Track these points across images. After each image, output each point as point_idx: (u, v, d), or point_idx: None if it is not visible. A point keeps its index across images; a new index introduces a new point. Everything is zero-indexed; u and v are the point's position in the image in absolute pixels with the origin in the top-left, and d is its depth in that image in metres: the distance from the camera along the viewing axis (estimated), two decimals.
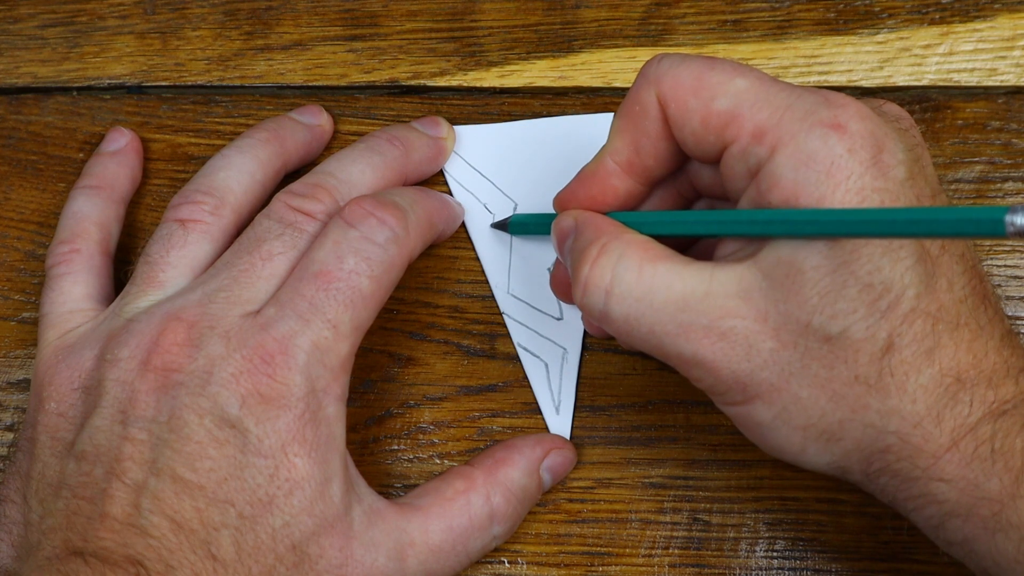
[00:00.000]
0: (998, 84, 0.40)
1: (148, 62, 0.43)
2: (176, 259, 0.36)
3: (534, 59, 0.42)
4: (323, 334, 0.33)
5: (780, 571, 0.37)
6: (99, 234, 0.39)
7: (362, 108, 0.42)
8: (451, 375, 0.39)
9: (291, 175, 0.40)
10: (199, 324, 0.33)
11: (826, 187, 0.28)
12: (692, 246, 0.35)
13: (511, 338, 0.39)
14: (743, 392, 0.30)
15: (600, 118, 0.41)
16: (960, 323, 0.30)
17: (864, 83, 0.41)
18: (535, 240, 0.40)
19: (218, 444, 0.32)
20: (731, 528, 0.37)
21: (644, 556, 0.37)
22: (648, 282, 0.30)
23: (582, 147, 0.40)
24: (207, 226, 0.37)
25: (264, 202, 0.38)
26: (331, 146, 0.42)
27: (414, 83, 0.42)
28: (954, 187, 0.39)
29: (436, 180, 0.41)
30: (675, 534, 0.37)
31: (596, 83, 0.41)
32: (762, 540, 0.37)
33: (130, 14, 0.44)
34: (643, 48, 0.42)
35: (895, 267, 0.29)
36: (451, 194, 0.41)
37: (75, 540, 0.31)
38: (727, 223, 0.31)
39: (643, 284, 0.30)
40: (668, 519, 0.38)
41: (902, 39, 0.41)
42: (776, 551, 0.37)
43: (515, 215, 0.40)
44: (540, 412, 0.39)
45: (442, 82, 0.42)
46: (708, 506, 0.38)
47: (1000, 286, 0.39)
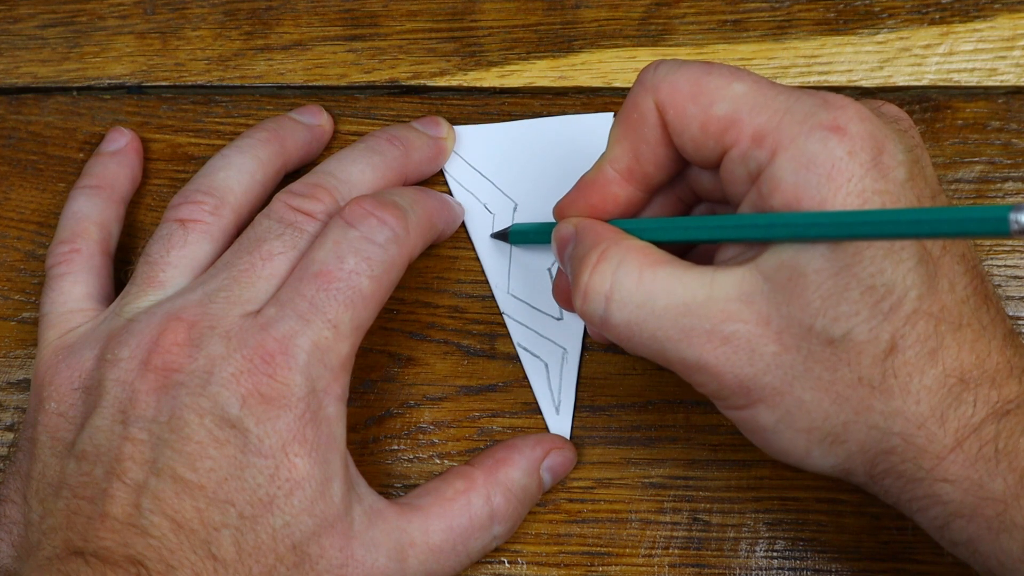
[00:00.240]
0: (998, 84, 0.40)
1: (148, 62, 0.43)
2: (176, 259, 0.36)
3: (534, 59, 0.42)
4: (323, 334, 0.33)
5: (780, 571, 0.37)
6: (99, 234, 0.39)
7: (362, 108, 0.42)
8: (451, 375, 0.39)
9: (291, 175, 0.40)
10: (199, 324, 0.33)
11: (827, 190, 0.28)
12: (691, 251, 0.35)
13: (511, 338, 0.39)
14: (746, 396, 0.30)
15: (600, 118, 0.41)
16: (963, 323, 0.30)
17: (864, 83, 0.41)
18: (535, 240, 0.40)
19: (218, 444, 0.32)
20: (731, 528, 0.37)
21: (644, 556, 0.37)
22: (648, 287, 0.30)
23: (582, 147, 0.40)
24: (207, 226, 0.37)
25: (264, 202, 0.38)
26: (331, 146, 0.42)
27: (414, 83, 0.42)
28: (954, 187, 0.39)
29: (436, 180, 0.41)
30: (675, 534, 0.37)
31: (596, 83, 0.42)
32: (762, 540, 0.37)
33: (130, 14, 0.44)
34: (643, 48, 0.42)
35: (897, 269, 0.29)
36: (451, 194, 0.41)
37: (75, 540, 0.31)
38: (729, 228, 0.30)
39: (643, 289, 0.30)
40: (668, 519, 0.38)
41: (902, 39, 0.41)
42: (776, 551, 0.37)
43: (515, 224, 0.40)
44: (540, 412, 0.39)
45: (442, 82, 0.42)
46: (708, 506, 0.38)
47: (1000, 286, 0.39)
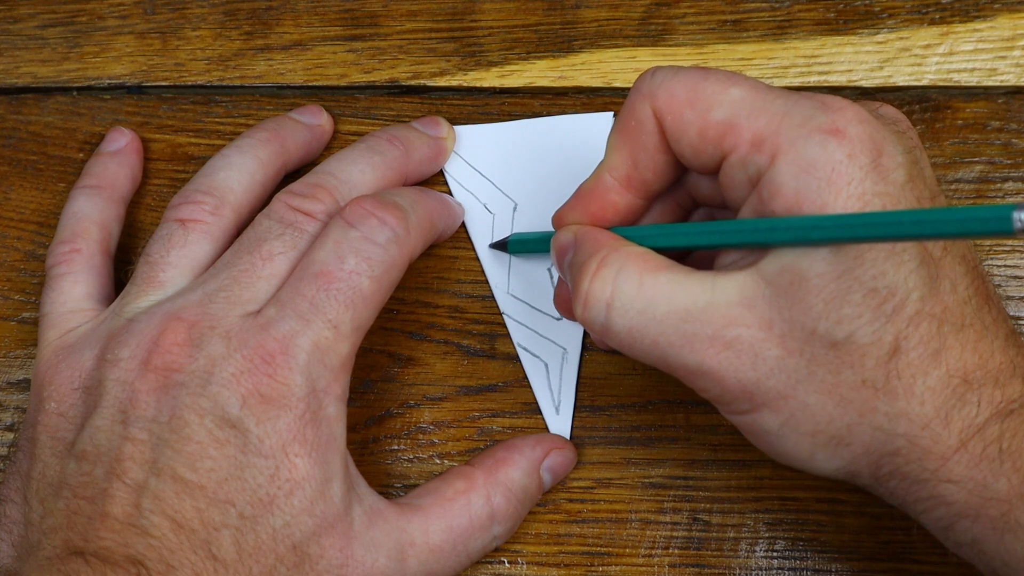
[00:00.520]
0: (998, 84, 0.40)
1: (148, 62, 0.43)
2: (176, 259, 0.36)
3: (534, 59, 0.42)
4: (324, 334, 0.33)
5: (780, 571, 0.37)
6: (99, 234, 0.39)
7: (362, 108, 0.42)
8: (451, 375, 0.39)
9: (291, 175, 0.40)
10: (199, 324, 0.33)
11: (828, 194, 0.28)
12: (688, 256, 0.35)
13: (511, 338, 0.39)
14: (750, 401, 0.30)
15: (600, 117, 0.41)
16: (965, 324, 0.30)
17: (864, 83, 0.41)
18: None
19: (219, 444, 0.32)
20: (731, 528, 0.37)
21: (644, 556, 0.37)
22: (649, 293, 0.30)
23: (582, 146, 0.40)
24: (207, 226, 0.37)
25: (264, 202, 0.38)
26: (331, 146, 0.42)
27: (414, 83, 0.42)
28: (954, 187, 0.39)
29: (436, 180, 0.41)
30: (675, 534, 0.37)
31: (596, 83, 0.41)
32: (762, 540, 0.37)
33: (130, 14, 0.44)
34: (643, 48, 0.42)
35: (899, 271, 0.28)
36: (451, 194, 0.41)
37: (76, 540, 0.31)
38: (731, 233, 0.30)
39: (644, 296, 0.30)
40: (668, 519, 0.38)
41: (902, 39, 0.41)
42: (776, 551, 0.37)
43: (513, 234, 0.39)
44: (540, 412, 0.39)
45: (442, 82, 0.42)
46: (708, 506, 0.38)
47: (1000, 286, 0.39)
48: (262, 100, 0.42)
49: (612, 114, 0.41)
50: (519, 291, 0.40)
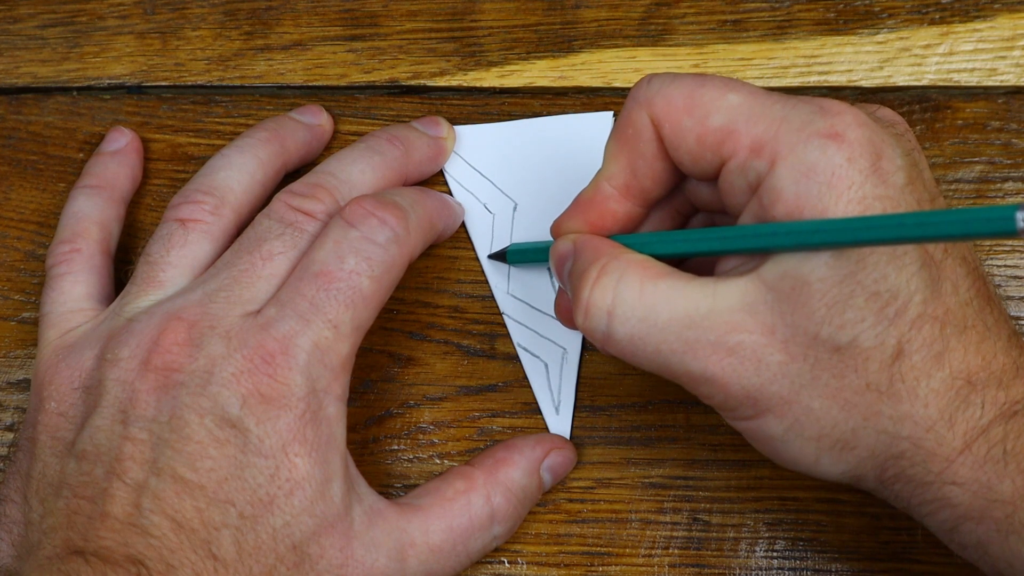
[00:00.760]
0: (998, 84, 0.40)
1: (148, 62, 0.43)
2: (176, 259, 0.36)
3: (534, 59, 0.42)
4: (324, 334, 0.33)
5: (780, 571, 0.37)
6: (99, 234, 0.39)
7: (362, 108, 0.42)
8: (451, 375, 0.39)
9: (291, 175, 0.40)
10: (200, 324, 0.33)
11: (828, 198, 0.28)
12: (685, 262, 0.35)
13: (511, 338, 0.39)
14: (754, 407, 0.30)
15: (600, 117, 0.41)
16: (967, 325, 0.30)
17: (864, 83, 0.41)
18: (535, 240, 0.40)
19: (219, 444, 0.32)
20: (731, 528, 0.37)
21: (644, 556, 0.37)
22: (650, 301, 0.30)
23: (582, 146, 0.40)
24: (207, 226, 0.37)
25: (264, 202, 0.38)
26: (331, 146, 0.42)
27: (414, 83, 0.42)
28: (954, 187, 0.39)
29: (436, 180, 0.41)
30: (675, 534, 0.37)
31: (596, 83, 0.42)
32: (762, 540, 0.37)
33: (130, 14, 0.44)
34: (643, 48, 0.42)
35: (900, 274, 0.28)
36: (451, 194, 0.41)
37: (76, 539, 0.31)
38: (732, 239, 0.30)
39: (645, 303, 0.30)
40: (668, 519, 0.38)
41: (902, 39, 0.41)
42: (776, 551, 0.37)
43: (512, 244, 0.39)
44: (540, 412, 0.39)
45: (442, 82, 0.42)
46: (708, 506, 0.38)
47: (1000, 286, 0.39)
48: (262, 100, 0.42)
49: (612, 114, 0.41)
50: (519, 291, 0.40)
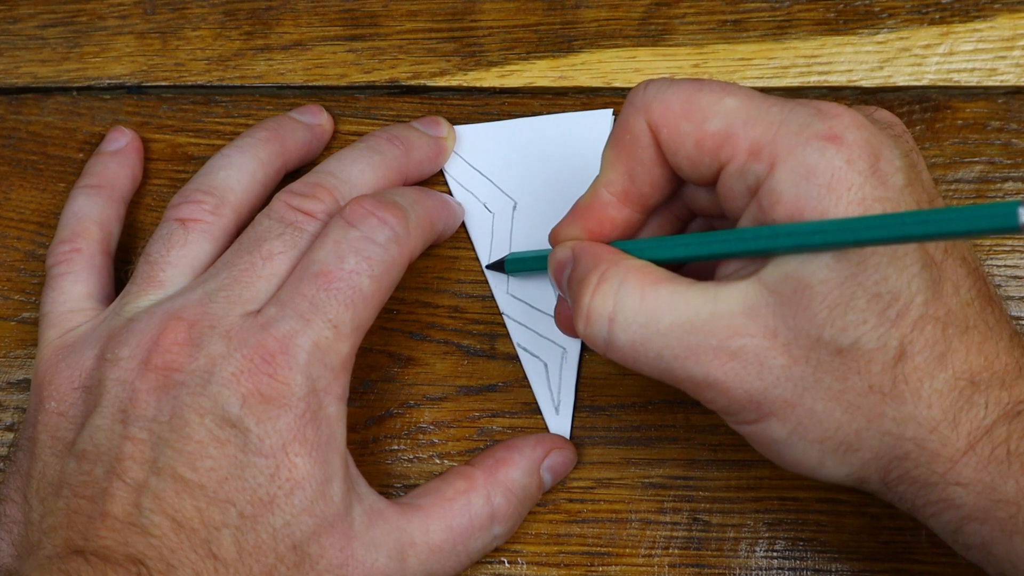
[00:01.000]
0: (998, 84, 0.40)
1: (148, 62, 0.43)
2: (176, 258, 0.36)
3: (534, 59, 0.42)
4: (324, 334, 0.33)
5: (780, 571, 0.37)
6: (100, 233, 0.39)
7: (362, 108, 0.42)
8: (451, 375, 0.39)
9: (291, 175, 0.40)
10: (200, 323, 0.33)
11: (828, 200, 0.28)
12: (682, 268, 0.35)
13: (511, 338, 0.39)
14: (757, 410, 0.30)
15: (599, 115, 0.41)
16: (969, 326, 0.30)
17: (864, 83, 0.41)
18: (535, 239, 0.40)
19: (219, 443, 0.32)
20: (731, 528, 0.37)
21: (644, 556, 0.37)
22: (651, 306, 0.30)
23: (581, 145, 0.40)
24: (207, 225, 0.37)
25: (264, 201, 0.38)
26: (331, 146, 0.42)
27: (414, 83, 0.42)
28: (954, 187, 0.39)
29: (436, 180, 0.41)
30: (675, 534, 0.37)
31: (596, 83, 0.42)
32: (762, 540, 0.37)
33: (130, 14, 0.44)
34: (643, 48, 0.42)
35: (902, 275, 0.28)
36: (451, 194, 0.41)
37: (76, 539, 0.31)
38: (733, 242, 0.30)
39: (647, 309, 0.30)
40: (668, 519, 0.38)
41: (902, 39, 0.41)
42: (776, 551, 0.37)
43: (510, 254, 0.39)
44: (540, 412, 0.39)
45: (442, 82, 0.42)
46: (708, 506, 0.38)
47: (1001, 286, 0.39)
48: (262, 100, 0.42)
49: (611, 112, 0.41)
50: (519, 291, 0.40)
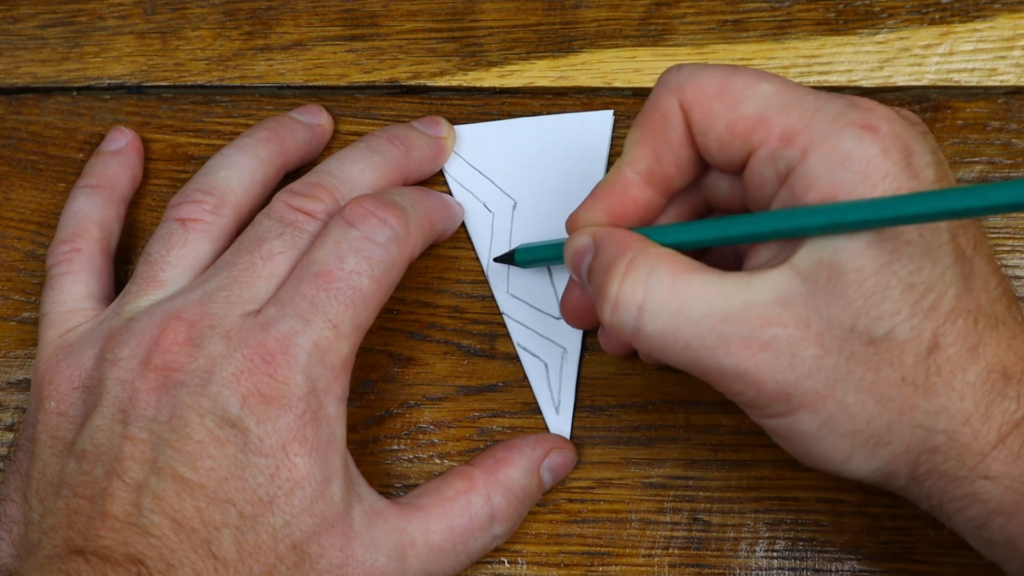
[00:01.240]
0: (998, 84, 0.40)
1: (148, 62, 0.43)
2: (176, 258, 0.36)
3: (534, 59, 0.42)
4: (324, 334, 0.33)
5: (780, 571, 0.37)
6: (100, 233, 0.39)
7: (362, 108, 0.42)
8: (451, 375, 0.39)
9: (291, 175, 0.40)
10: (200, 323, 0.33)
11: (864, 186, 0.28)
12: (704, 256, 0.35)
13: (511, 338, 0.39)
14: (787, 403, 0.29)
15: (599, 115, 0.41)
16: (999, 321, 0.30)
17: (864, 83, 0.41)
18: (535, 238, 0.40)
19: (219, 443, 0.32)
20: (731, 528, 0.37)
21: (644, 556, 0.37)
22: (683, 295, 0.29)
23: (581, 145, 0.40)
24: (207, 225, 0.37)
25: (264, 201, 0.38)
26: (331, 146, 0.42)
27: (414, 83, 0.42)
28: None
29: (436, 180, 0.41)
30: (675, 534, 0.37)
31: (596, 83, 0.42)
32: (762, 540, 0.37)
33: (130, 14, 0.44)
34: (643, 48, 0.42)
35: (935, 267, 0.29)
36: (451, 194, 0.41)
37: (76, 539, 0.31)
38: (766, 221, 0.30)
39: (677, 298, 0.29)
40: (668, 519, 0.38)
41: (902, 39, 0.41)
42: (776, 551, 0.37)
43: (520, 246, 0.39)
44: (540, 412, 0.39)
45: (442, 82, 0.42)
46: (708, 506, 0.38)
47: None
48: (262, 100, 0.42)
49: (611, 112, 0.41)
50: (519, 291, 0.40)
